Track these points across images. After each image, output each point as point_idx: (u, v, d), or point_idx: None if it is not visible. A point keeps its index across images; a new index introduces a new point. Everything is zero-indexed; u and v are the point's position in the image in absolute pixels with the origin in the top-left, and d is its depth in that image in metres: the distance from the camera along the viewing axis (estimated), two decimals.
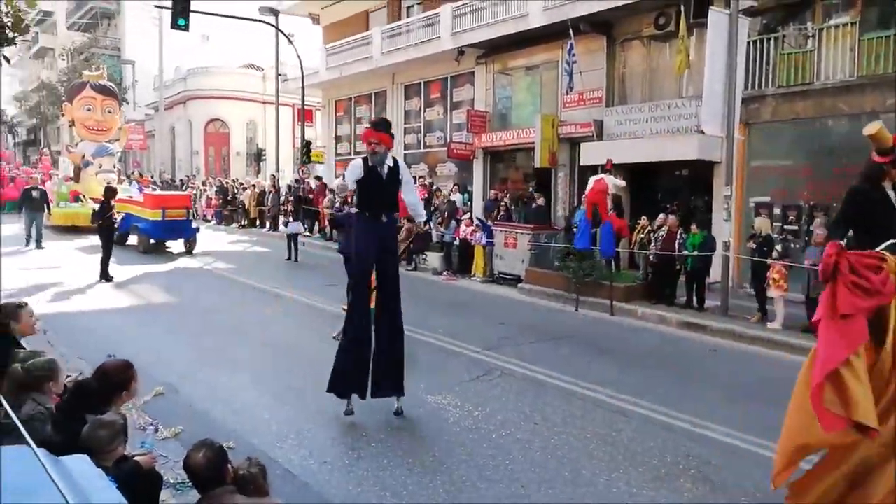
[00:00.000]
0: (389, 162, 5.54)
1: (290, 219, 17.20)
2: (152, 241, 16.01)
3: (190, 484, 4.13)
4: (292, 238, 15.77)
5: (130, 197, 17.51)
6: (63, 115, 43.13)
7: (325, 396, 6.05)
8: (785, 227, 11.87)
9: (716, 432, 5.54)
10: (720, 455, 5.10)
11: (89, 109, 22.45)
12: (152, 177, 32.63)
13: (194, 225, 17.07)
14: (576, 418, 5.78)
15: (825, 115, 12.03)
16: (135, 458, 3.15)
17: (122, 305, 10.25)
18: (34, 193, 16.80)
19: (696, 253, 10.60)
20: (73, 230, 19.15)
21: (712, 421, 5.76)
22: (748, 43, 11.59)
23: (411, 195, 5.88)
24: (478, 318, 10.15)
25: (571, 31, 14.30)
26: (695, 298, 10.78)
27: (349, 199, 5.28)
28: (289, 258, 15.53)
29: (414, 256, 14.96)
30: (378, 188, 5.47)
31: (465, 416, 5.71)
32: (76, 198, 20.69)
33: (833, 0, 11.97)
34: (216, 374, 6.70)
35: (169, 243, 16.69)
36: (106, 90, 23.30)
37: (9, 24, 8.28)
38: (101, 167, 21.89)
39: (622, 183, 11.69)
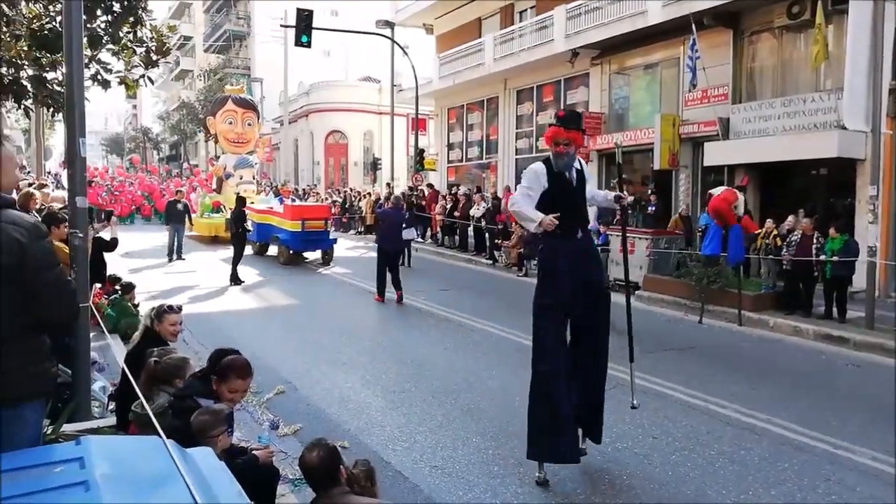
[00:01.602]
0: (577, 164, 4.62)
1: (405, 225, 17.47)
2: (291, 251, 15.99)
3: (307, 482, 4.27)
4: (406, 244, 16.08)
5: (271, 208, 17.48)
6: (201, 130, 47.00)
7: (435, 401, 6.09)
8: None
9: (861, 455, 5.00)
10: (866, 482, 4.58)
11: (231, 122, 23.08)
12: (286, 183, 34.30)
13: (332, 236, 16.95)
14: (700, 434, 5.41)
15: None
16: (253, 452, 3.27)
17: (249, 307, 10.86)
18: (178, 206, 17.24)
19: (836, 258, 9.70)
20: (215, 241, 19.62)
21: (856, 443, 5.21)
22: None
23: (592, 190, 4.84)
24: None
25: (694, 26, 13.61)
26: (835, 309, 9.87)
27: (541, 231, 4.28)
28: (402, 263, 15.84)
29: (525, 262, 14.79)
30: (569, 197, 4.51)
31: None
32: (217, 209, 21.52)
33: None
34: (333, 374, 6.90)
35: (307, 254, 16.63)
36: (246, 103, 23.90)
37: (153, 47, 9.05)
38: (241, 178, 22.39)
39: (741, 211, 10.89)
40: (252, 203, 18.54)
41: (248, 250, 16.64)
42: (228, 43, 50.41)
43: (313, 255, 16.61)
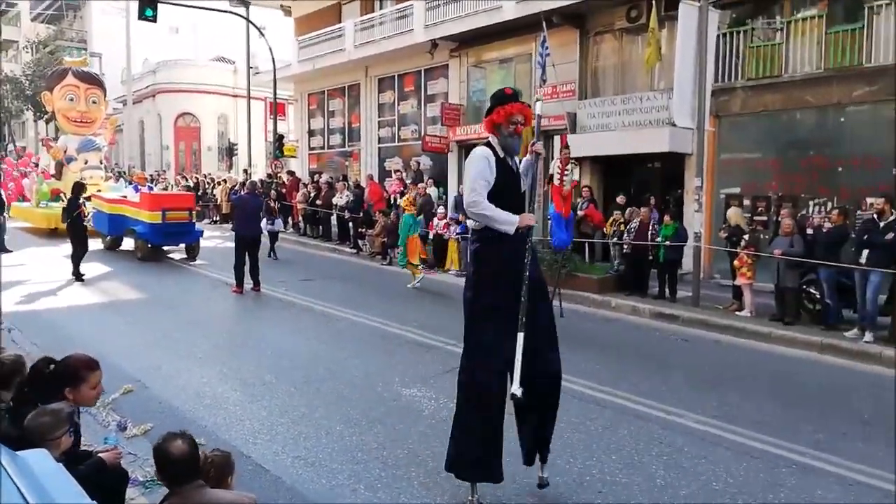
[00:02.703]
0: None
1: (273, 218, 15.99)
2: (150, 245, 14.30)
3: (159, 482, 4.07)
4: (273, 236, 15.46)
5: (125, 197, 15.58)
6: (29, 109, 42.20)
7: (297, 392, 6.02)
8: (754, 217, 12.05)
9: (688, 419, 5.60)
10: (692, 442, 5.16)
11: (72, 99, 20.14)
12: (131, 168, 31.72)
13: (198, 228, 15.30)
14: None
15: (793, 108, 12.24)
16: (99, 455, 3.08)
17: (90, 302, 10.03)
18: None
19: (668, 243, 10.71)
20: (55, 233, 17.13)
21: (684, 409, 5.83)
22: (718, 35, 11.72)
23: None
24: (452, 311, 10.10)
25: (544, 24, 14.18)
26: (667, 289, 10.90)
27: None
28: (270, 256, 15.20)
29: (388, 251, 14.89)
30: (513, 186, 4.03)
31: (440, 408, 5.69)
32: (57, 197, 18.86)
33: None
34: (187, 370, 6.60)
35: (168, 248, 15.06)
36: (89, 78, 21.12)
37: None
38: (86, 163, 19.81)
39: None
40: (100, 191, 16.86)
41: (98, 244, 15.15)
42: (61, 12, 45.75)
43: (174, 249, 15.22)
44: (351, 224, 16.91)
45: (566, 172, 10.22)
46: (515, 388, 3.69)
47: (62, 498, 1.72)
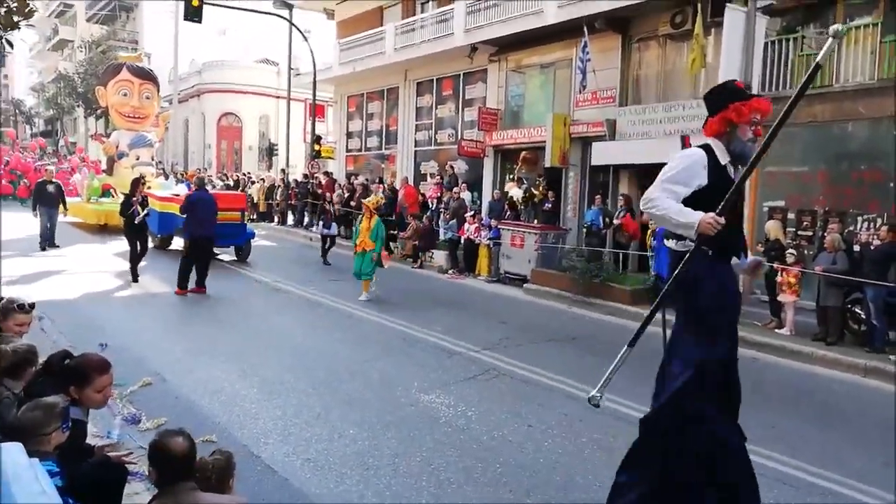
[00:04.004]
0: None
1: (329, 220, 15.63)
2: None
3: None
4: (329, 240, 14.95)
5: (176, 195, 14.95)
6: (80, 105, 43.55)
7: (315, 392, 5.93)
8: (799, 232, 11.58)
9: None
10: None
11: (126, 94, 19.88)
12: (174, 165, 32.31)
13: (249, 229, 14.59)
14: (573, 422, 5.58)
15: (844, 119, 11.71)
16: (106, 454, 3.02)
17: (120, 294, 10.16)
18: (49, 188, 15.06)
19: None
20: (105, 229, 16.83)
21: None
22: (766, 43, 11.31)
23: None
24: (480, 317, 9.97)
25: (586, 29, 14.07)
26: None
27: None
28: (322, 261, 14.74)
29: (420, 254, 14.81)
30: (732, 203, 3.14)
31: (458, 416, 5.54)
32: (107, 192, 19.16)
33: (855, 1, 11.65)
34: (208, 365, 6.57)
35: (218, 250, 14.15)
36: (144, 73, 20.70)
37: (14, 7, 8.22)
38: (138, 159, 19.52)
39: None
40: (150, 188, 16.63)
41: (149, 243, 14.97)
42: (114, 13, 47.16)
43: (224, 250, 14.73)
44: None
45: None
46: (595, 392, 3.40)
47: (24, 495, 1.63)
